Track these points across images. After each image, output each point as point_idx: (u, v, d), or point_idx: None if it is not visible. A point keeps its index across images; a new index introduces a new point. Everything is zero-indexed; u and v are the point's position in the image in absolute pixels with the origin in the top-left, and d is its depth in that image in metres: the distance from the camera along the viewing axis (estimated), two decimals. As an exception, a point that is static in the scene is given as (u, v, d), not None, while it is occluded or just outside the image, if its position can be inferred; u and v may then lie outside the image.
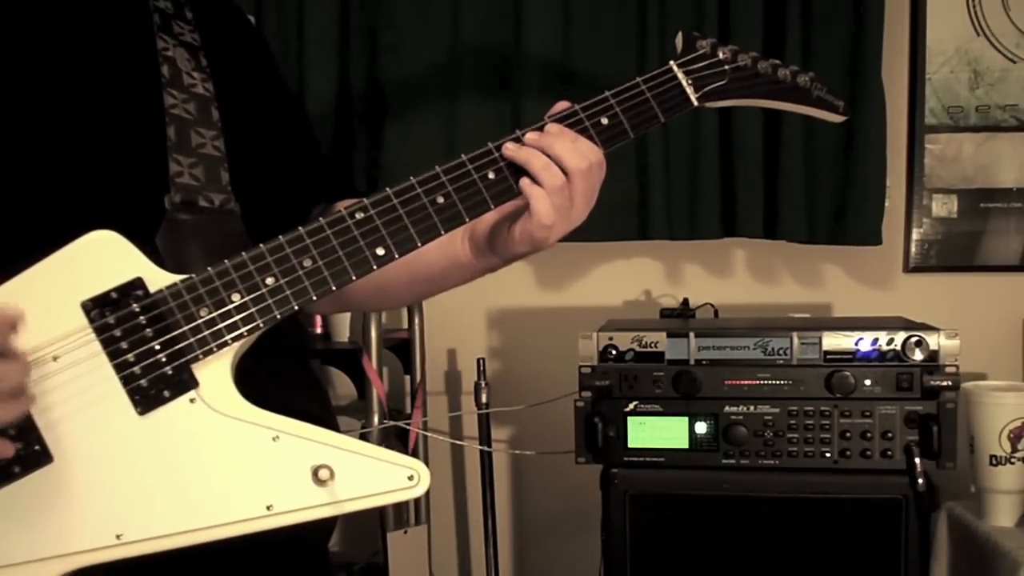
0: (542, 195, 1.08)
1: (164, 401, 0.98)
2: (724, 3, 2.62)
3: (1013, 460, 2.05)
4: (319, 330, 2.85)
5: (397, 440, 2.66)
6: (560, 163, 1.09)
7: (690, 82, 1.18)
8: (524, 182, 1.09)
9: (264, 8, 2.78)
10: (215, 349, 0.99)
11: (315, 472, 0.97)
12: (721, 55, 1.21)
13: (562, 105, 1.14)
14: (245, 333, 1.00)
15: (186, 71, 1.14)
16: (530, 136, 1.11)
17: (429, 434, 2.74)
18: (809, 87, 1.25)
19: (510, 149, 1.10)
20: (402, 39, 2.76)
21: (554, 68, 2.67)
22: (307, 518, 0.98)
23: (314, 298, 1.02)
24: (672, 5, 2.64)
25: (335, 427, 1.25)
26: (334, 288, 1.03)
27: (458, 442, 2.92)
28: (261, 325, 1.01)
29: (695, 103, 1.19)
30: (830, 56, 2.59)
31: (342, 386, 2.85)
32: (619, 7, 2.68)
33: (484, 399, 2.65)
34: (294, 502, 0.97)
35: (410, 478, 0.98)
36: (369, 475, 0.98)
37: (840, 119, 1.28)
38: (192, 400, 0.98)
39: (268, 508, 0.97)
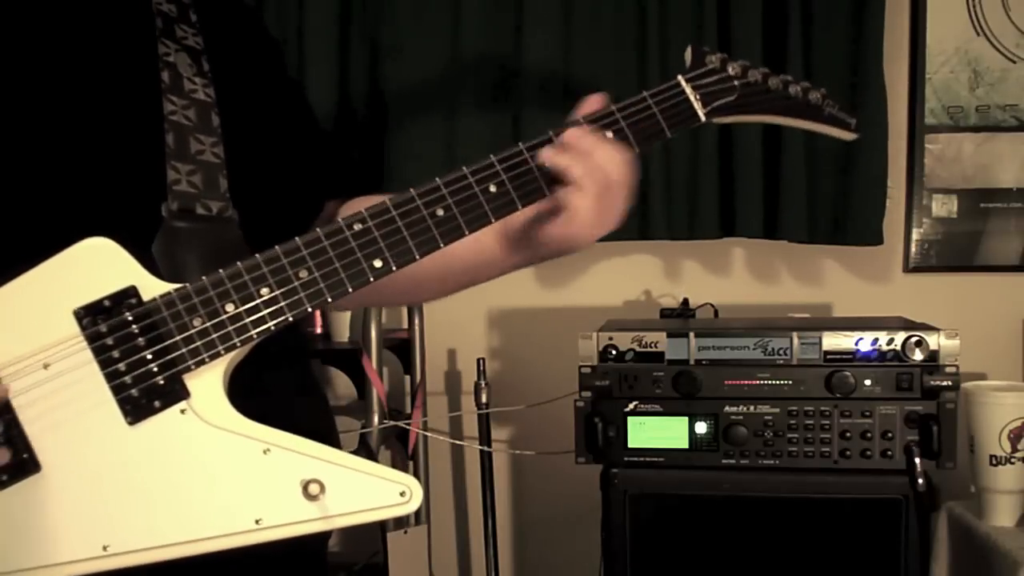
0: (581, 197, 1.08)
1: (154, 411, 0.97)
2: (724, 3, 2.62)
3: (1013, 460, 2.05)
4: (319, 330, 2.85)
5: (397, 440, 2.66)
6: (602, 171, 1.08)
7: (698, 97, 1.16)
8: (565, 189, 1.08)
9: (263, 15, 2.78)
10: (207, 359, 0.98)
11: (305, 486, 0.95)
12: (731, 70, 1.18)
13: (596, 102, 1.14)
14: (238, 344, 0.99)
15: (187, 76, 1.13)
16: (569, 134, 1.09)
17: (429, 434, 2.74)
18: (820, 104, 1.21)
19: (547, 155, 1.08)
20: (402, 48, 2.76)
21: (555, 76, 2.67)
22: (296, 533, 0.96)
23: (309, 310, 1.01)
24: (673, 6, 2.64)
25: (334, 438, 1.24)
26: (330, 300, 1.02)
27: (458, 442, 2.92)
28: (255, 336, 1.00)
29: (703, 119, 1.17)
30: (831, 56, 2.59)
31: (342, 386, 2.85)
32: (619, 14, 2.68)
33: (484, 399, 2.66)
34: (283, 516, 0.96)
35: (402, 494, 0.97)
36: (360, 490, 0.97)
37: (851, 137, 1.24)
38: (183, 411, 0.97)
39: (257, 522, 0.96)
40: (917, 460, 1.95)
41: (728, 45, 2.58)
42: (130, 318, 0.97)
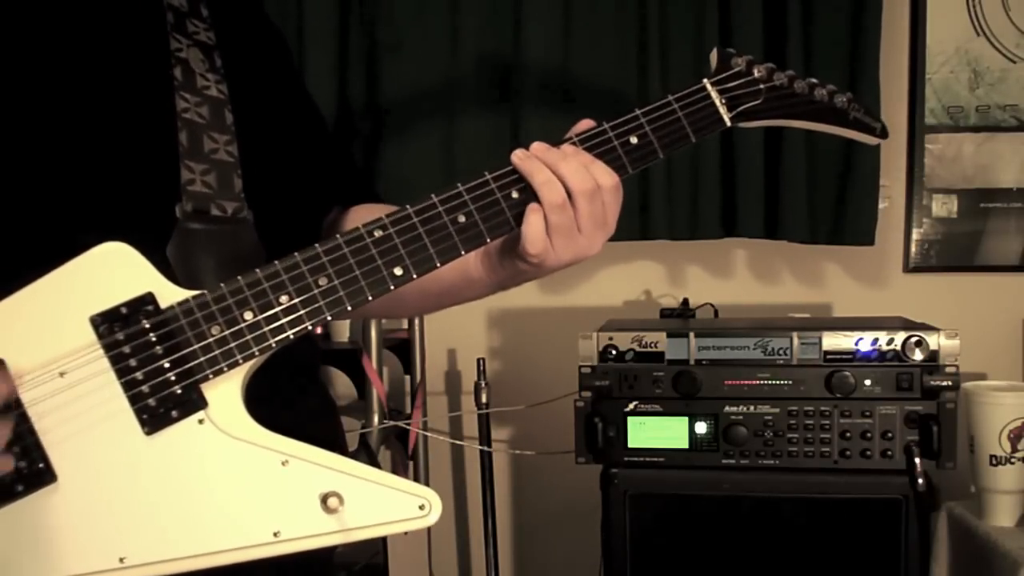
0: (535, 210, 1.04)
1: (172, 421, 0.95)
2: (725, 3, 2.62)
3: (1013, 460, 2.05)
4: (319, 330, 2.85)
5: (397, 440, 2.66)
6: (564, 182, 1.05)
7: (723, 101, 1.13)
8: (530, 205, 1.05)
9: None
10: (225, 368, 0.97)
11: (324, 499, 0.94)
12: (756, 73, 1.15)
13: (586, 124, 1.10)
14: (256, 353, 0.98)
15: (200, 72, 1.10)
16: (536, 147, 1.06)
17: (429, 434, 2.74)
18: (847, 108, 1.19)
19: (518, 156, 1.06)
20: (401, 46, 2.74)
21: (554, 77, 2.66)
22: (314, 545, 0.95)
23: (328, 318, 1.00)
24: (673, 6, 2.64)
25: (344, 449, 1.23)
26: (349, 308, 1.00)
27: (458, 442, 2.92)
28: (273, 345, 0.98)
29: (728, 123, 1.13)
30: (829, 56, 2.59)
31: (342, 386, 2.84)
32: (619, 12, 2.68)
33: (484, 399, 2.65)
34: (302, 529, 0.95)
35: (421, 507, 0.96)
36: (379, 503, 0.95)
37: (877, 141, 1.22)
38: (201, 421, 0.96)
39: (275, 534, 0.95)
40: (917, 460, 1.95)
41: (728, 45, 2.56)
42: (147, 326, 0.96)
